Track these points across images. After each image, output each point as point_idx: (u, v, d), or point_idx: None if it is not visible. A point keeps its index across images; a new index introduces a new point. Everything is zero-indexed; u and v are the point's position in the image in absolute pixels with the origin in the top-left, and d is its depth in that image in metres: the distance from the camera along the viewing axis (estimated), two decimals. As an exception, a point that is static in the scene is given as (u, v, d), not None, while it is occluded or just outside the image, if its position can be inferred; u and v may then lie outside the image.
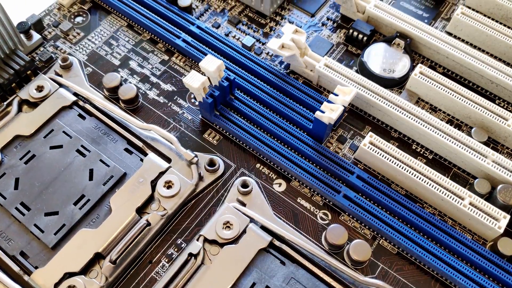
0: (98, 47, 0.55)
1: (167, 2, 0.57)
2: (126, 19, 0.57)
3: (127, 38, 0.56)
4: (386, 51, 0.53)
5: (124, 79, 0.53)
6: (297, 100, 0.51)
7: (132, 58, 0.54)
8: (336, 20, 0.57)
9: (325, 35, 0.56)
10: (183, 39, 0.54)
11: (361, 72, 0.53)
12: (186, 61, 0.54)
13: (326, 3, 0.59)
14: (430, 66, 0.54)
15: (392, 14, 0.54)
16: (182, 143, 0.48)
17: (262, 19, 0.58)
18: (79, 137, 0.47)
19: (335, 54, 0.55)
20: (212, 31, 0.55)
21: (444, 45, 0.52)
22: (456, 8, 0.59)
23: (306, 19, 0.58)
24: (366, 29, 0.54)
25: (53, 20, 0.57)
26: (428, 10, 0.58)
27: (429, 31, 0.53)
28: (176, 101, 0.52)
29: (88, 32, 0.56)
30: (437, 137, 0.47)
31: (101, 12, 0.58)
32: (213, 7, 0.58)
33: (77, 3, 0.58)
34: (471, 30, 0.55)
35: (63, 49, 0.54)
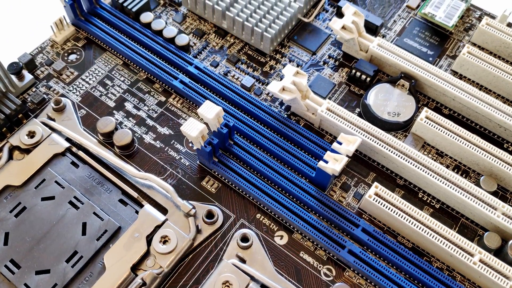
0: (92, 87, 0.53)
1: (164, 40, 0.55)
2: (121, 57, 0.55)
3: (123, 78, 0.54)
4: (390, 92, 0.52)
5: (119, 122, 0.51)
6: (299, 145, 0.49)
7: (128, 99, 0.52)
8: (338, 58, 0.56)
9: (326, 74, 0.55)
10: (180, 80, 0.52)
11: (365, 115, 0.51)
12: (183, 103, 0.52)
13: (328, 40, 0.57)
14: (435, 107, 0.53)
15: (396, 53, 0.52)
16: (180, 191, 0.47)
17: (261, 57, 0.56)
18: (72, 187, 0.45)
19: (337, 94, 0.53)
20: (210, 72, 0.53)
21: (450, 87, 0.50)
22: (462, 46, 0.57)
23: (307, 57, 0.56)
24: (370, 69, 0.53)
25: (46, 58, 0.55)
26: (432, 47, 0.57)
27: (434, 72, 0.51)
28: (173, 145, 0.50)
29: (82, 71, 0.54)
30: (444, 187, 0.45)
31: (96, 49, 0.56)
32: (212, 44, 0.57)
33: (71, 39, 0.57)
34: (478, 70, 0.53)
35: (56, 90, 0.53)
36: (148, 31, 0.56)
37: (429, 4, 0.58)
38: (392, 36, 0.58)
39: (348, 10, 0.53)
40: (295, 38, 0.57)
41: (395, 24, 0.59)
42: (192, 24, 0.58)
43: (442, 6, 0.58)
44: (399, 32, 0.58)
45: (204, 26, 0.58)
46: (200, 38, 0.57)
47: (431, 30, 0.58)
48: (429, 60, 0.56)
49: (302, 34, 0.58)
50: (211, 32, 0.58)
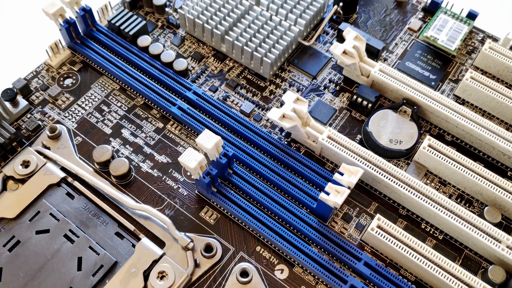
0: (88, 114, 0.52)
1: (162, 65, 0.54)
2: (118, 82, 0.54)
3: (120, 103, 0.53)
4: (392, 119, 0.51)
5: (115, 150, 0.50)
6: (300, 174, 0.48)
7: (125, 125, 0.51)
8: (338, 83, 0.55)
9: (327, 99, 0.54)
10: (178, 106, 0.51)
11: (366, 142, 0.50)
12: (181, 129, 0.51)
13: (328, 64, 0.56)
14: (438, 133, 0.52)
15: (398, 79, 0.52)
16: (177, 222, 0.46)
17: (261, 81, 0.55)
18: (67, 220, 0.44)
19: (338, 120, 0.52)
20: (209, 97, 0.52)
21: (453, 114, 0.49)
22: (465, 70, 0.56)
23: (308, 82, 0.55)
24: (371, 95, 0.52)
25: (41, 83, 0.54)
26: (435, 71, 0.56)
27: (437, 98, 0.50)
28: (171, 174, 0.49)
29: (78, 97, 0.53)
30: (447, 219, 0.44)
31: (92, 73, 0.55)
32: (210, 68, 0.56)
33: (67, 63, 0.56)
34: (481, 96, 0.52)
35: (51, 116, 0.52)
36: (145, 55, 0.55)
37: (431, 27, 0.57)
38: (394, 59, 0.57)
39: (349, 35, 0.52)
40: (295, 61, 0.56)
41: (396, 47, 0.58)
42: (190, 47, 0.57)
43: (445, 29, 0.57)
44: (401, 55, 0.57)
45: (203, 49, 0.57)
46: (199, 61, 0.56)
47: (433, 53, 0.57)
48: (431, 85, 0.55)
49: (302, 57, 0.57)
50: (210, 56, 0.57)
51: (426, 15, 0.61)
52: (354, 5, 0.60)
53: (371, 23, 0.60)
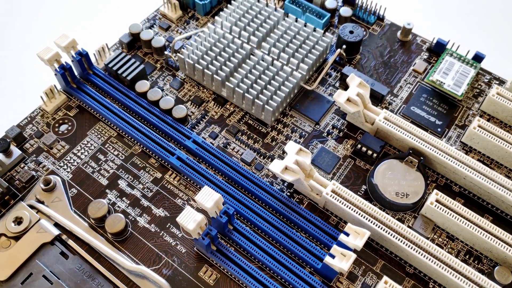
0: (84, 163, 0.50)
1: (161, 112, 0.52)
2: (115, 128, 0.53)
3: (117, 152, 0.51)
4: (398, 170, 0.49)
5: (111, 202, 0.48)
6: (303, 229, 0.46)
7: (122, 176, 0.50)
8: (342, 129, 0.53)
9: (330, 147, 0.52)
10: (177, 156, 0.50)
11: (372, 194, 0.49)
12: (180, 180, 0.50)
13: (331, 109, 0.55)
14: (445, 183, 0.50)
15: (403, 128, 0.50)
16: (175, 283, 0.44)
17: (263, 127, 0.53)
18: (61, 282, 0.42)
19: (342, 169, 0.51)
20: (209, 146, 0.50)
21: (461, 166, 0.48)
22: (471, 114, 0.55)
23: (310, 128, 0.53)
24: (376, 145, 0.50)
25: (36, 129, 0.52)
26: (441, 116, 0.54)
27: (444, 149, 0.49)
28: (169, 229, 0.47)
29: (74, 145, 0.52)
30: (455, 280, 0.42)
31: (88, 119, 0.53)
32: (211, 113, 0.54)
33: (62, 108, 0.54)
34: (488, 145, 0.51)
35: (45, 166, 0.50)
36: (144, 101, 0.53)
37: (437, 70, 0.56)
38: (399, 103, 0.56)
39: (353, 82, 0.51)
40: (297, 106, 0.55)
41: (401, 90, 0.57)
42: (190, 90, 0.56)
43: (451, 72, 0.55)
44: (406, 99, 0.56)
45: (203, 93, 0.56)
46: (199, 106, 0.55)
47: (439, 97, 0.56)
48: (437, 131, 0.53)
49: (304, 101, 0.55)
50: (210, 100, 0.55)
51: (431, 55, 0.59)
52: (358, 46, 0.58)
53: (375, 65, 0.59)
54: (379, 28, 0.62)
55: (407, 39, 0.61)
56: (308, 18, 0.61)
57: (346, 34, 0.58)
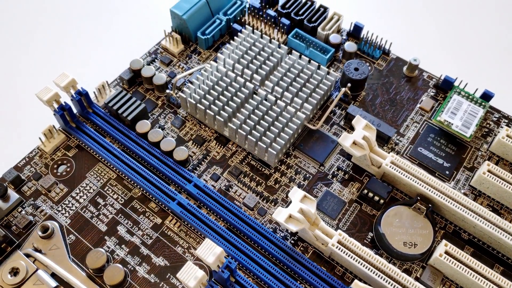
0: (83, 207, 0.49)
1: (161, 153, 0.51)
2: (115, 170, 0.51)
3: (116, 195, 0.50)
4: (406, 217, 0.48)
5: (110, 250, 0.47)
6: (308, 282, 0.45)
7: (121, 221, 0.48)
8: (347, 171, 0.52)
9: (336, 190, 0.51)
10: (178, 201, 0.48)
11: (378, 242, 0.47)
12: (181, 226, 0.48)
13: (336, 149, 0.54)
14: (454, 230, 0.49)
15: (410, 173, 0.49)
16: (176, 338, 0.42)
17: (266, 168, 0.52)
18: (57, 339, 0.41)
19: (348, 215, 0.49)
20: (210, 191, 0.49)
21: (470, 214, 0.46)
22: (480, 156, 0.53)
23: (315, 169, 0.52)
24: (383, 191, 0.49)
25: (34, 171, 0.51)
26: (449, 157, 0.53)
27: (453, 196, 0.47)
28: (169, 280, 0.45)
29: (73, 188, 0.50)
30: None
31: (88, 159, 0.52)
32: (212, 153, 0.53)
33: (61, 148, 0.53)
34: (499, 190, 0.49)
35: (43, 211, 0.49)
36: (144, 141, 0.52)
37: (445, 110, 0.54)
38: (405, 144, 0.54)
39: (359, 124, 0.50)
40: (301, 146, 0.53)
41: (408, 129, 0.55)
42: (192, 129, 0.54)
43: (459, 112, 0.54)
44: (413, 139, 0.54)
45: (205, 132, 0.54)
46: (200, 146, 0.53)
47: (447, 137, 0.54)
48: (445, 174, 0.52)
49: (308, 141, 0.54)
50: (212, 139, 0.54)
51: (439, 92, 0.58)
52: (363, 83, 0.57)
53: (381, 102, 0.57)
54: (385, 62, 0.61)
55: (413, 75, 0.60)
56: (312, 53, 0.60)
57: (351, 71, 0.56)
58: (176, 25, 0.61)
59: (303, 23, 0.62)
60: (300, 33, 0.61)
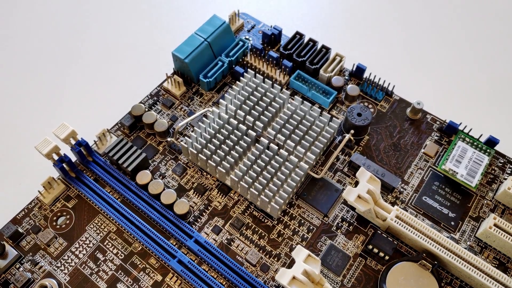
0: (82, 263, 0.48)
1: (162, 206, 0.50)
2: (115, 223, 0.51)
3: (116, 250, 0.49)
4: (412, 273, 0.47)
5: (111, 309, 0.46)
6: None
7: (121, 278, 0.48)
8: (352, 222, 0.51)
9: (340, 243, 0.50)
10: (178, 259, 0.47)
11: (383, 300, 0.47)
12: (181, 284, 0.47)
13: (340, 198, 0.53)
14: (460, 286, 0.48)
15: (415, 228, 0.48)
16: None
17: (268, 220, 0.51)
18: None
19: (352, 270, 0.49)
20: (211, 247, 0.48)
21: (476, 273, 0.45)
22: (485, 205, 0.52)
23: (318, 221, 0.51)
24: (388, 248, 0.48)
25: (33, 223, 0.50)
26: (454, 207, 0.52)
27: (459, 253, 0.46)
28: None
29: (72, 241, 0.49)
30: None
31: (87, 210, 0.51)
32: (214, 203, 0.52)
33: (61, 198, 0.52)
34: (505, 245, 0.48)
35: (42, 267, 0.48)
36: (144, 193, 0.51)
37: (450, 158, 0.54)
38: (410, 192, 0.53)
39: (363, 177, 0.49)
40: (304, 195, 0.53)
41: (412, 176, 0.54)
42: (193, 177, 0.54)
43: (464, 160, 0.53)
44: (417, 187, 0.54)
45: (206, 180, 0.54)
46: (202, 195, 0.52)
47: (452, 186, 0.54)
48: (451, 225, 0.51)
49: (311, 189, 0.53)
50: (214, 188, 0.53)
51: (443, 136, 0.57)
52: (366, 127, 0.56)
53: (384, 147, 0.57)
54: (388, 104, 0.60)
55: (416, 117, 0.59)
56: (314, 95, 0.59)
57: (354, 117, 0.56)
58: (178, 67, 0.60)
59: (305, 64, 0.61)
60: (302, 75, 0.60)
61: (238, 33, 0.66)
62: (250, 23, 0.67)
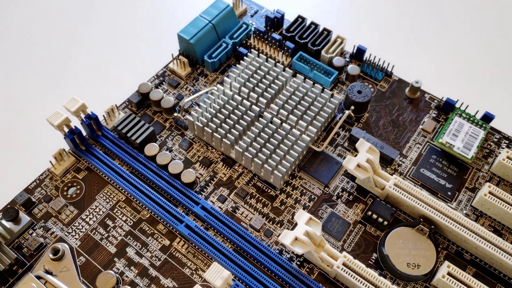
0: (92, 229, 0.50)
1: (169, 176, 0.52)
2: (124, 192, 0.53)
3: (125, 217, 0.51)
4: (409, 238, 0.49)
5: (120, 272, 0.48)
6: (313, 302, 0.46)
7: (130, 243, 0.49)
8: (352, 192, 0.53)
9: (340, 211, 0.52)
10: (186, 224, 0.49)
11: (383, 263, 0.48)
12: (188, 248, 0.49)
13: (340, 170, 0.55)
14: (456, 251, 0.50)
15: (413, 195, 0.50)
16: None
17: (271, 190, 0.53)
18: None
19: (352, 236, 0.50)
20: (217, 212, 0.50)
21: (472, 236, 0.47)
22: (481, 176, 0.54)
23: (320, 191, 0.53)
24: (387, 213, 0.50)
25: (44, 193, 0.52)
26: (451, 179, 0.54)
27: (455, 217, 0.48)
28: (177, 301, 0.46)
29: (82, 210, 0.51)
30: None
31: (97, 181, 0.53)
32: (219, 175, 0.54)
33: (71, 170, 0.54)
34: (500, 212, 0.50)
35: (54, 233, 0.50)
36: (153, 164, 0.53)
37: (446, 132, 0.55)
38: (408, 165, 0.55)
39: (363, 147, 0.51)
40: (306, 168, 0.55)
41: (410, 150, 0.56)
42: (199, 151, 0.56)
43: (460, 134, 0.55)
44: (415, 160, 0.56)
45: (212, 154, 0.55)
46: (207, 167, 0.54)
47: (449, 159, 0.56)
48: (447, 195, 0.53)
49: (313, 162, 0.55)
50: (219, 161, 0.55)
51: (440, 114, 0.59)
52: (366, 105, 0.59)
53: (384, 124, 0.59)
54: (387, 84, 0.62)
55: (415, 96, 0.61)
56: (316, 75, 0.61)
57: (355, 94, 0.58)
58: (183, 48, 0.63)
59: (307, 46, 0.63)
60: (304, 56, 0.63)
61: (241, 18, 0.69)
62: (253, 9, 0.70)
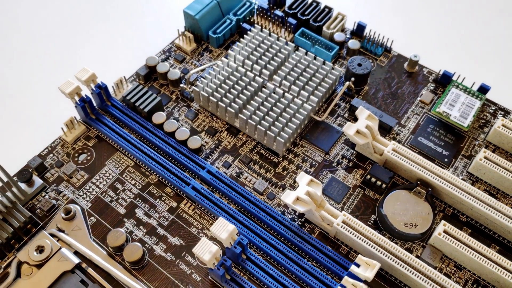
0: (102, 192, 0.52)
1: (176, 142, 0.54)
2: (133, 158, 0.55)
3: (134, 181, 0.53)
4: (407, 200, 0.51)
5: (129, 231, 0.50)
6: (314, 259, 0.48)
7: (139, 205, 0.52)
8: (351, 159, 0.55)
9: (340, 176, 0.54)
10: (192, 186, 0.51)
11: (381, 224, 0.50)
12: (195, 209, 0.51)
13: (341, 139, 0.57)
14: (452, 213, 0.52)
15: (411, 159, 0.52)
16: (191, 311, 0.45)
17: (274, 157, 0.55)
18: (81, 310, 0.44)
19: (352, 199, 0.52)
20: (222, 176, 0.52)
21: (467, 197, 0.49)
22: (478, 145, 0.56)
23: (320, 158, 0.55)
24: (385, 176, 0.52)
25: (56, 159, 0.54)
26: (447, 146, 0.56)
27: (451, 180, 0.50)
28: (184, 258, 0.48)
29: (93, 174, 0.54)
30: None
31: (107, 149, 0.55)
32: (224, 143, 0.56)
33: (82, 138, 0.56)
34: (495, 176, 0.52)
35: (66, 195, 0.52)
36: (160, 132, 0.55)
37: (443, 102, 0.57)
38: (406, 134, 0.57)
39: (362, 114, 0.53)
40: (307, 136, 0.57)
41: (408, 120, 0.58)
42: (204, 121, 0.58)
43: (457, 104, 0.57)
44: (413, 130, 0.57)
45: (216, 123, 0.58)
46: (212, 136, 0.56)
47: (446, 128, 0.57)
48: (444, 161, 0.55)
49: (314, 132, 0.57)
50: (224, 130, 0.57)
51: (438, 86, 0.61)
52: (366, 78, 0.60)
53: (383, 96, 0.61)
54: (387, 59, 0.64)
55: (413, 70, 0.63)
56: (318, 50, 0.63)
57: (355, 66, 0.60)
58: (189, 25, 0.65)
59: (309, 22, 0.65)
60: (306, 32, 0.65)
61: (245, -3, 0.71)
62: (257, -12, 0.72)
